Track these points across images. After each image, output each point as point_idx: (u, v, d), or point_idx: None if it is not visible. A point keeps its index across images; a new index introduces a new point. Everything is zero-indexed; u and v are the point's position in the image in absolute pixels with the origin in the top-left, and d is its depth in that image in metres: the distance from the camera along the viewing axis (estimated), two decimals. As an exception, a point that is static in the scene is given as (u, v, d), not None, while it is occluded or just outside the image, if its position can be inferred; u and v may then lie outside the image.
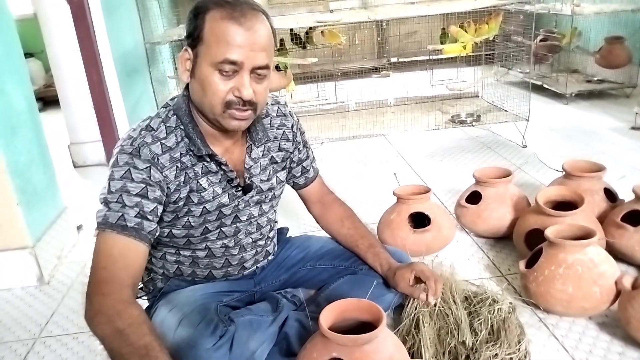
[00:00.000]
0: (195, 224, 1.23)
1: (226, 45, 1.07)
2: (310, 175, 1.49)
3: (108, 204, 1.10)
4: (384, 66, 5.09)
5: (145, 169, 1.12)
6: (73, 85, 3.20)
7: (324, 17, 3.12)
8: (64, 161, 3.29)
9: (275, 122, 1.35)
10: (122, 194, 1.10)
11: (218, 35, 1.07)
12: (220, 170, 1.22)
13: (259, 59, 1.10)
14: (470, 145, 3.13)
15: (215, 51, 1.07)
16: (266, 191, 1.33)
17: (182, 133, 1.18)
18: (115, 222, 1.08)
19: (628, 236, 1.67)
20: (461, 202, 1.98)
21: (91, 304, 1.04)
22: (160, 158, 1.14)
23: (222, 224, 1.27)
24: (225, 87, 1.10)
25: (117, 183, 1.10)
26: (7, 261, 1.91)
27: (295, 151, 1.42)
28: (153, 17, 3.49)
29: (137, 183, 1.11)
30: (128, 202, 1.09)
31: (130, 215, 1.09)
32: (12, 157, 1.87)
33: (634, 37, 3.84)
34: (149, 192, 1.12)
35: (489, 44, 3.43)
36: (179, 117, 1.18)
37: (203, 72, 1.10)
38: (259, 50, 1.09)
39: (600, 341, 1.41)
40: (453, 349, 1.28)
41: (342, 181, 2.61)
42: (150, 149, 1.13)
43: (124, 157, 1.12)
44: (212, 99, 1.11)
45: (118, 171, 1.11)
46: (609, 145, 2.94)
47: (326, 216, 1.52)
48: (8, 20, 1.98)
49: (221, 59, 1.07)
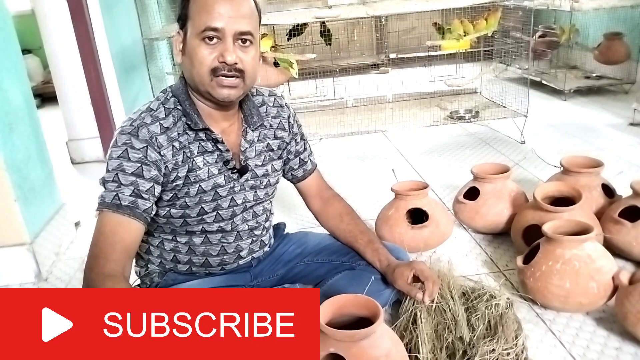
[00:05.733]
0: (191, 204, 1.25)
1: (207, 14, 1.14)
2: (309, 167, 1.50)
3: (105, 184, 1.15)
4: (383, 62, 5.08)
5: (142, 149, 1.16)
6: (71, 81, 3.19)
7: (322, 13, 3.11)
8: (61, 158, 3.29)
9: (272, 112, 1.39)
10: (117, 172, 1.15)
11: (200, 7, 1.15)
12: (216, 150, 1.25)
13: (240, 24, 1.15)
14: (468, 141, 3.13)
15: (198, 22, 1.14)
16: (261, 177, 1.35)
17: (180, 113, 1.22)
18: (111, 201, 1.14)
19: (625, 232, 1.67)
20: (459, 198, 1.99)
21: (85, 278, 1.12)
22: (158, 137, 1.18)
23: (218, 205, 1.29)
24: (211, 55, 1.15)
25: (114, 162, 1.15)
26: (4, 257, 1.91)
27: (292, 142, 1.43)
28: (151, 13, 3.48)
29: (133, 162, 1.15)
30: (123, 181, 1.14)
31: (125, 194, 1.14)
32: (10, 154, 1.87)
33: (633, 33, 3.84)
34: (144, 172, 1.16)
35: (488, 40, 3.42)
36: (176, 96, 1.23)
37: (190, 45, 1.17)
38: (239, 17, 1.16)
39: (597, 336, 1.41)
40: (450, 344, 1.29)
41: (340, 177, 2.61)
42: (149, 129, 1.17)
43: (122, 138, 1.17)
44: (199, 68, 1.16)
45: (116, 151, 1.16)
46: (607, 141, 2.94)
47: (325, 211, 1.53)
48: (5, 17, 1.97)
49: (203, 28, 1.14)
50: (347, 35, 5.12)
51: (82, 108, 3.22)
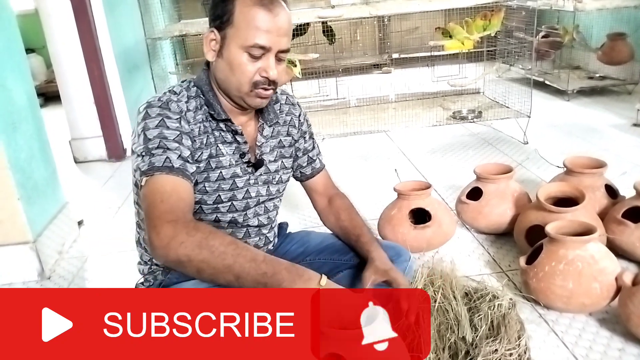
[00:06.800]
0: (209, 190, 1.26)
1: (256, 30, 1.16)
2: (317, 166, 1.51)
3: (150, 152, 1.15)
4: (385, 62, 5.07)
5: (176, 119, 1.18)
6: (74, 80, 3.20)
7: (325, 13, 3.11)
8: (65, 156, 3.29)
9: (285, 109, 1.42)
10: (161, 140, 1.16)
11: (248, 21, 1.16)
12: (234, 141, 1.28)
13: (283, 43, 1.20)
14: (471, 141, 3.13)
15: (246, 35, 1.16)
16: (273, 172, 1.37)
17: (202, 102, 1.25)
18: (162, 164, 1.14)
19: (629, 232, 1.67)
20: (462, 198, 1.98)
21: (160, 234, 1.05)
22: (187, 113, 1.21)
23: (234, 196, 1.30)
24: (253, 68, 1.18)
25: (154, 131, 1.16)
26: (8, 256, 1.91)
27: (301, 140, 1.45)
28: (154, 12, 3.48)
29: (172, 130, 1.17)
30: (169, 146, 1.16)
31: (173, 157, 1.15)
32: (13, 153, 1.87)
33: (637, 34, 3.83)
34: (183, 140, 1.18)
35: (491, 40, 3.42)
36: (199, 87, 1.26)
37: (232, 53, 1.18)
38: (284, 35, 1.19)
39: (600, 337, 1.41)
40: (453, 344, 1.28)
41: (343, 177, 2.60)
42: (178, 104, 1.20)
43: (155, 110, 1.18)
44: (240, 78, 1.19)
45: (152, 121, 1.17)
46: (610, 142, 2.93)
47: (327, 210, 1.53)
48: (9, 16, 1.98)
49: (251, 44, 1.16)
50: (349, 35, 5.12)
51: (85, 107, 3.23)
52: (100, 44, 3.12)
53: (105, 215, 2.50)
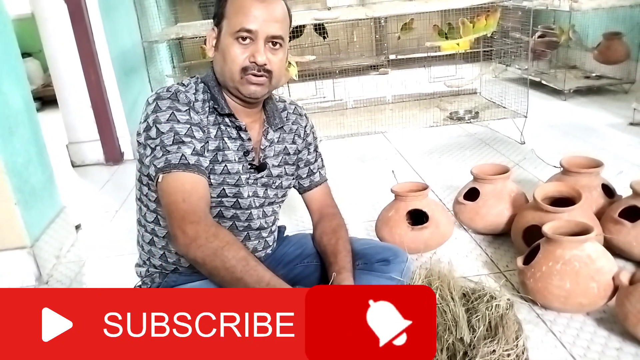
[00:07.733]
0: (214, 182, 1.27)
1: (243, 15, 1.20)
2: (316, 179, 1.49)
3: (165, 147, 1.17)
4: (382, 63, 5.07)
5: (186, 111, 1.21)
6: (71, 84, 3.20)
7: (321, 15, 3.12)
8: (62, 161, 3.29)
9: (292, 118, 1.44)
10: (174, 134, 1.18)
11: (237, 8, 1.21)
12: (239, 138, 1.29)
13: (272, 28, 1.21)
14: (468, 142, 3.13)
15: (234, 22, 1.21)
16: (275, 177, 1.38)
17: (208, 96, 1.27)
18: (178, 162, 1.16)
19: (625, 232, 1.67)
20: (459, 198, 1.99)
21: (185, 233, 1.12)
22: (195, 104, 1.24)
23: (239, 192, 1.30)
24: (243, 54, 1.21)
25: (165, 126, 1.18)
26: (5, 261, 1.91)
27: (304, 150, 1.46)
28: (151, 15, 3.49)
29: (182, 124, 1.19)
30: (183, 140, 1.18)
31: (188, 153, 1.18)
32: (10, 157, 1.87)
33: (632, 33, 3.84)
34: (195, 132, 1.20)
35: (487, 40, 3.42)
36: (205, 83, 1.29)
37: (224, 42, 1.23)
38: (273, 21, 1.22)
39: (598, 337, 1.41)
40: (451, 345, 1.28)
41: (340, 179, 2.61)
42: (186, 95, 1.23)
43: (165, 102, 1.20)
44: (231, 65, 1.22)
45: (163, 115, 1.19)
46: (607, 142, 2.94)
47: (316, 228, 1.49)
48: (5, 20, 1.98)
49: (238, 28, 1.20)
50: (346, 36, 5.12)
51: (82, 111, 3.22)
52: (97, 48, 3.12)
53: (102, 219, 2.50)
